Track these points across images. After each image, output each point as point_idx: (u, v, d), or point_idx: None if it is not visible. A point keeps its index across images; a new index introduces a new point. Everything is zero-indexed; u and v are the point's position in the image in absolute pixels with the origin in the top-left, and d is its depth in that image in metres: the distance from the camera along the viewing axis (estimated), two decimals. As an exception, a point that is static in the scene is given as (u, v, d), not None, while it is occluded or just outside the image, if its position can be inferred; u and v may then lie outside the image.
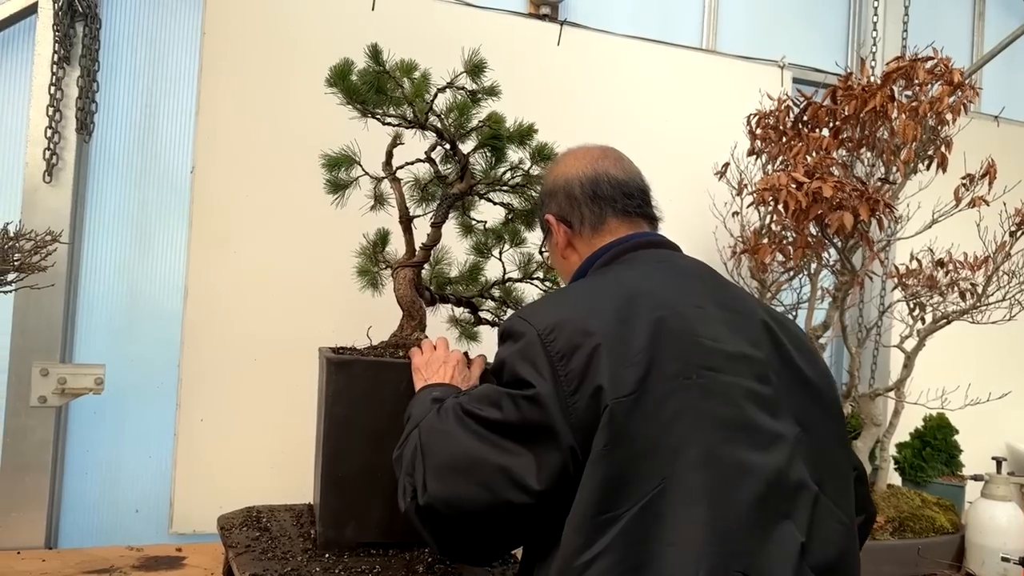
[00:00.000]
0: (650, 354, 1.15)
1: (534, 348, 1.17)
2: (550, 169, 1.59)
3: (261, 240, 2.61)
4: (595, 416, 1.11)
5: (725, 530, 1.09)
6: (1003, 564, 2.34)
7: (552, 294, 1.40)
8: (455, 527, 1.22)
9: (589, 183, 1.48)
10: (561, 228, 1.50)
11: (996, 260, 2.42)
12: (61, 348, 2.43)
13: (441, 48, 2.01)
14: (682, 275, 1.35)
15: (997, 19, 3.99)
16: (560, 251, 1.52)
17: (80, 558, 2.23)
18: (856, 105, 2.38)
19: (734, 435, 1.16)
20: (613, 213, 1.47)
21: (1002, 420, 3.37)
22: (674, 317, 1.22)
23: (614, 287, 1.27)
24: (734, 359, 1.22)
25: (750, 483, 1.13)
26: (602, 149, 1.56)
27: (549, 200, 1.53)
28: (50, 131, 2.37)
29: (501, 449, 1.17)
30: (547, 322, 1.19)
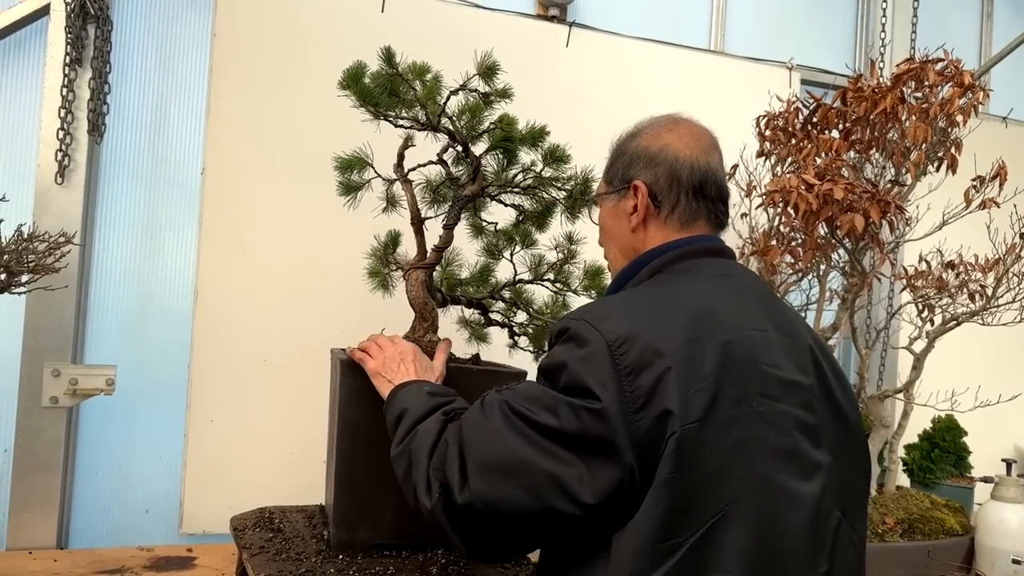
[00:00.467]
0: (717, 380, 1.13)
1: (602, 359, 1.12)
2: (655, 131, 1.45)
3: (271, 241, 2.62)
4: (658, 438, 1.09)
5: (771, 561, 1.12)
6: (1013, 566, 2.34)
7: (617, 299, 1.27)
8: (490, 528, 1.18)
9: (699, 174, 1.37)
10: (647, 202, 1.38)
11: (1006, 262, 2.42)
12: (72, 349, 2.44)
13: (451, 50, 2.01)
14: (744, 293, 1.31)
15: (1005, 20, 3.98)
16: (631, 223, 1.40)
17: (91, 558, 2.24)
18: (866, 107, 2.38)
19: (785, 465, 1.17)
20: (706, 216, 1.39)
21: (1010, 422, 3.37)
22: (740, 341, 1.19)
23: (684, 303, 1.22)
24: (788, 387, 1.21)
25: (799, 513, 1.16)
26: (713, 138, 1.46)
27: (646, 165, 1.40)
28: (62, 132, 2.38)
29: (553, 456, 1.12)
30: (618, 334, 1.13)
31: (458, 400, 1.45)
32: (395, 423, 1.42)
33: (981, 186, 2.41)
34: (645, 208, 1.38)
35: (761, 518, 1.12)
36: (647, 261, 1.37)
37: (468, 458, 1.19)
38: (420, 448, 1.28)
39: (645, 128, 1.48)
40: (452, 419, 1.33)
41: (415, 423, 1.36)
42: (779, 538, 1.13)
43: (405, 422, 1.38)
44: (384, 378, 1.58)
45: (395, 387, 1.53)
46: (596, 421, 1.10)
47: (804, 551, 1.16)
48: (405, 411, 1.41)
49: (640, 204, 1.39)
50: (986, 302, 2.47)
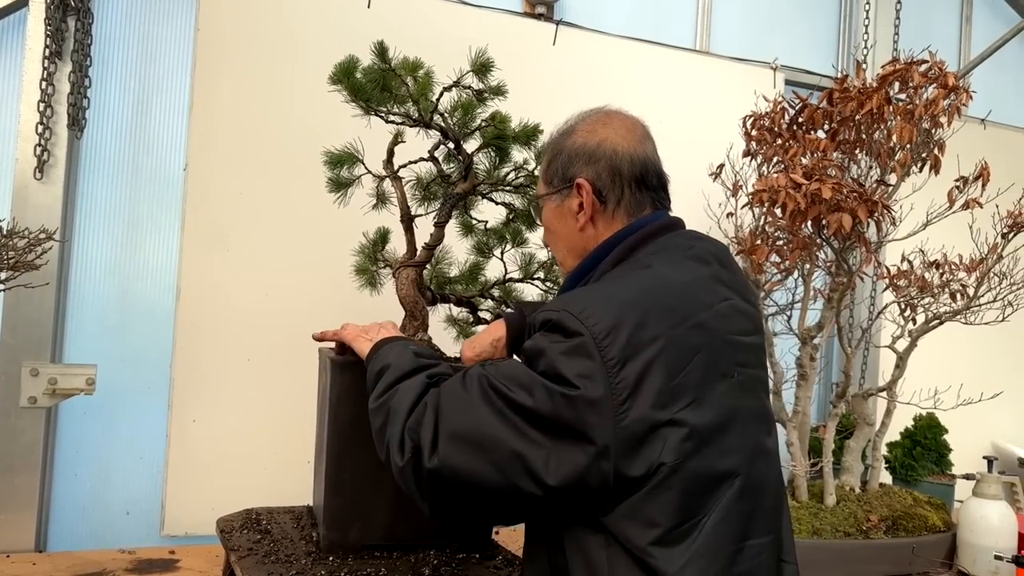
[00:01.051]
0: (702, 359, 1.17)
1: (586, 351, 1.12)
2: (590, 127, 1.43)
3: (255, 239, 2.59)
4: (649, 427, 1.10)
5: (761, 518, 1.21)
6: (995, 562, 2.37)
7: (596, 290, 1.26)
8: (455, 495, 1.20)
9: (639, 165, 1.38)
10: (592, 199, 1.37)
11: (988, 262, 2.45)
12: (51, 348, 2.39)
13: (437, 46, 1.99)
14: (710, 263, 1.33)
15: (984, 23, 4.04)
16: (579, 222, 1.39)
17: (71, 561, 2.20)
18: (853, 107, 2.40)
19: (761, 426, 1.27)
20: (651, 204, 1.40)
21: (989, 420, 3.42)
22: (715, 318, 1.23)
23: (660, 286, 1.23)
24: (751, 350, 1.29)
25: (772, 469, 1.27)
26: (645, 128, 1.46)
27: (585, 162, 1.39)
28: (41, 127, 2.33)
29: (523, 436, 1.13)
30: (602, 325, 1.13)
31: (443, 364, 1.44)
32: (376, 376, 1.40)
33: (964, 187, 2.44)
34: (592, 205, 1.38)
35: (755, 483, 1.21)
36: (606, 252, 1.36)
37: (441, 425, 1.20)
38: (399, 406, 1.28)
39: (578, 124, 1.46)
40: (435, 383, 1.32)
41: (397, 379, 1.35)
42: (763, 496, 1.23)
43: (387, 376, 1.37)
44: (365, 339, 1.56)
45: (379, 341, 1.51)
46: (569, 407, 1.11)
47: (781, 505, 1.29)
48: (388, 366, 1.39)
49: (586, 202, 1.38)
50: (968, 302, 2.50)
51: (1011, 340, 3.32)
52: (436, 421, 1.21)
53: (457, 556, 1.70)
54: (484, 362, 1.28)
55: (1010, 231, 2.46)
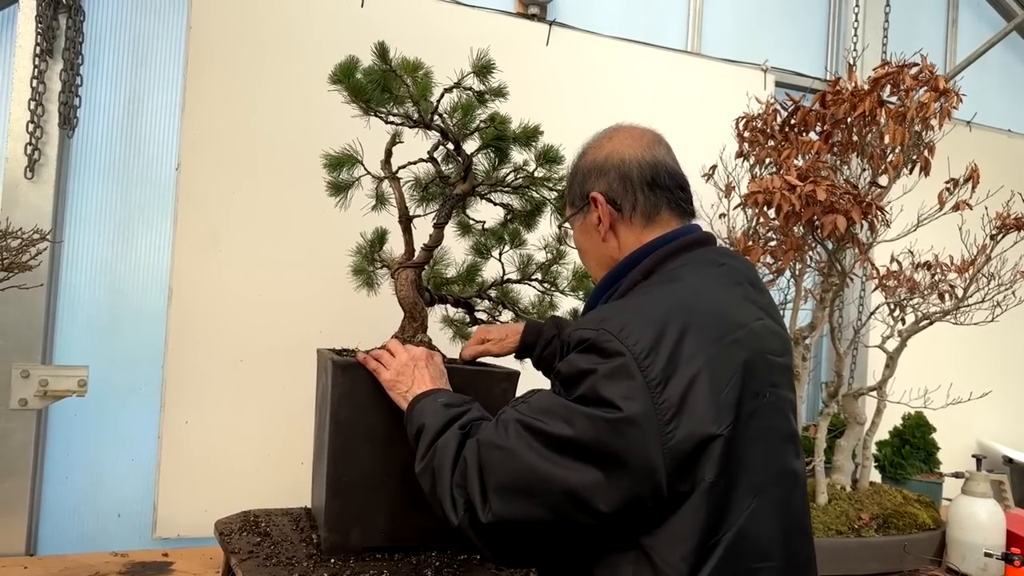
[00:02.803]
0: (740, 377, 1.16)
1: (628, 371, 1.11)
2: (598, 144, 1.47)
3: (248, 239, 2.57)
4: (695, 446, 1.10)
5: (790, 540, 1.20)
6: (984, 559, 2.40)
7: (631, 306, 1.25)
8: (515, 542, 1.20)
9: (648, 168, 1.39)
10: (608, 210, 1.39)
11: (978, 263, 2.48)
12: (42, 349, 2.37)
13: (431, 46, 1.99)
14: (742, 282, 1.33)
15: (970, 26, 4.09)
16: (602, 233, 1.41)
17: (63, 565, 2.18)
18: (846, 109, 2.42)
19: (789, 447, 1.25)
20: (668, 205, 1.40)
21: (975, 419, 3.47)
22: (750, 337, 1.22)
23: (695, 304, 1.22)
24: (782, 371, 1.28)
25: (800, 491, 1.26)
26: (655, 134, 1.49)
27: (596, 176, 1.42)
28: (32, 126, 2.31)
29: (568, 469, 1.12)
30: (643, 345, 1.12)
31: (473, 408, 1.45)
32: (415, 438, 1.42)
33: (955, 188, 2.47)
34: (608, 215, 1.40)
35: (780, 502, 1.19)
36: (633, 263, 1.37)
37: (487, 480, 1.20)
38: (441, 465, 1.29)
39: (589, 144, 1.50)
40: (469, 432, 1.33)
41: (434, 439, 1.35)
42: (792, 517, 1.22)
43: (424, 438, 1.38)
44: (400, 392, 1.57)
45: (412, 401, 1.52)
46: (613, 432, 1.10)
47: (806, 525, 1.27)
48: (423, 426, 1.40)
49: (602, 213, 1.40)
50: (957, 302, 2.53)
51: (999, 340, 3.37)
52: (481, 476, 1.21)
53: (458, 558, 1.70)
54: (515, 401, 1.28)
55: (999, 232, 2.49)
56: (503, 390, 1.78)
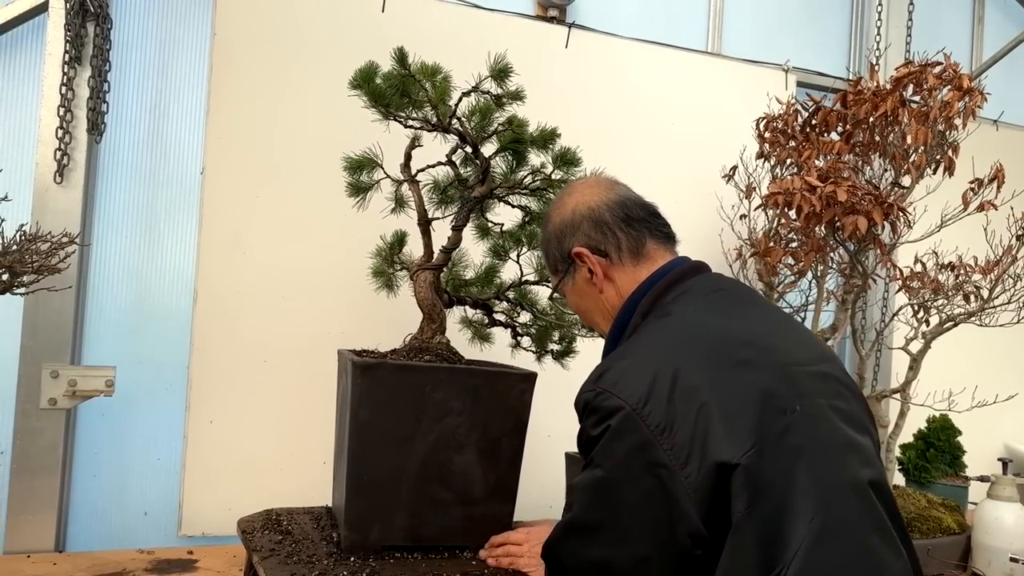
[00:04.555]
0: (753, 397, 1.10)
1: (631, 424, 1.08)
2: (559, 205, 1.49)
3: (271, 241, 2.61)
4: (718, 480, 1.05)
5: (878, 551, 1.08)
6: (1010, 564, 2.37)
7: (624, 353, 1.22)
8: None
9: (618, 207, 1.41)
10: (596, 259, 1.40)
11: (1003, 264, 2.45)
12: (71, 349, 2.41)
13: (451, 50, 2.02)
14: (742, 303, 1.31)
15: (996, 24, 4.03)
16: (598, 284, 1.42)
17: (91, 561, 2.22)
18: (867, 109, 2.40)
19: (850, 456, 1.14)
20: (650, 236, 1.41)
21: (1002, 421, 3.41)
22: (760, 353, 1.17)
23: (691, 333, 1.20)
24: (819, 378, 1.20)
25: (884, 498, 1.14)
26: (607, 178, 1.50)
27: (571, 234, 1.43)
28: (61, 131, 2.35)
29: (621, 543, 1.11)
30: (638, 393, 1.10)
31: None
32: None
33: (979, 188, 2.44)
34: (599, 264, 1.40)
35: (841, 522, 1.08)
36: (632, 307, 1.36)
37: None
38: None
39: (550, 212, 1.52)
40: None
41: None
42: (861, 532, 1.10)
43: None
44: None
45: None
46: (640, 492, 1.09)
47: (895, 534, 1.13)
48: None
49: (593, 264, 1.41)
50: (982, 304, 2.50)
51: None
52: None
53: (478, 556, 1.71)
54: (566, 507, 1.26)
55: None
56: (520, 391, 1.79)
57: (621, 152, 3.02)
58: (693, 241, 3.19)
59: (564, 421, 2.80)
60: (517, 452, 1.79)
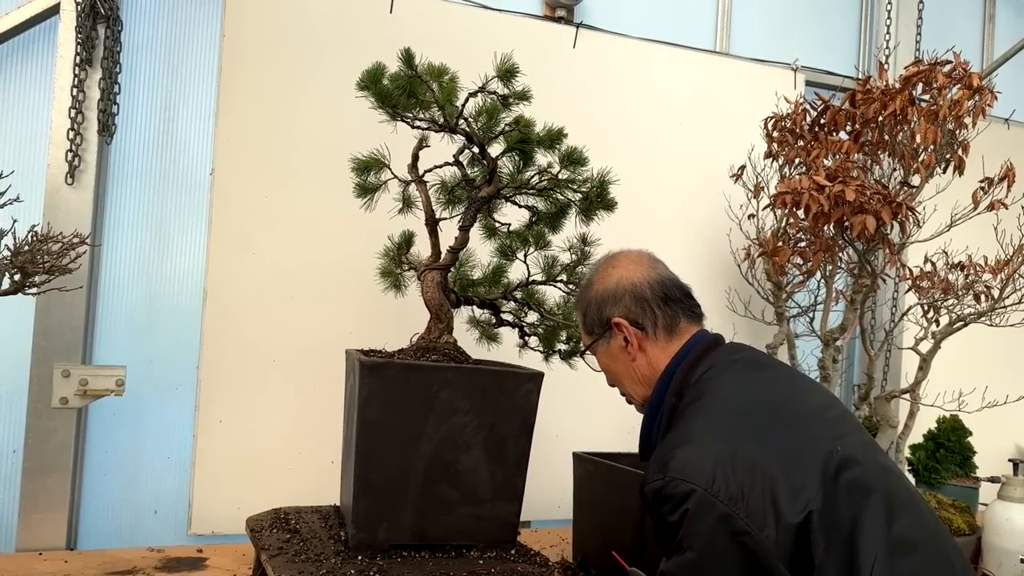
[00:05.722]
0: (803, 450, 1.24)
1: (707, 503, 1.18)
2: (603, 274, 1.59)
3: (280, 241, 2.62)
4: (796, 533, 1.17)
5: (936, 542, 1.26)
6: (1021, 566, 2.35)
7: (679, 439, 1.32)
8: None
9: (659, 287, 1.53)
10: (633, 331, 1.51)
11: (1013, 263, 2.43)
12: (82, 349, 2.43)
13: (459, 51, 2.02)
14: (761, 367, 1.45)
15: (1007, 22, 4.01)
16: (632, 354, 1.53)
17: (102, 559, 2.23)
18: (876, 108, 2.39)
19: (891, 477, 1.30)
20: (683, 315, 1.53)
21: (1012, 422, 3.39)
22: (792, 412, 1.32)
23: (732, 408, 1.32)
24: (840, 420, 1.37)
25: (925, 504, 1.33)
26: (649, 254, 1.61)
27: (612, 303, 1.54)
28: (72, 133, 2.37)
29: None
30: (705, 473, 1.20)
31: None
32: None
33: (989, 188, 2.43)
34: (635, 335, 1.51)
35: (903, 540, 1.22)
36: (665, 387, 1.48)
37: None
38: None
39: (593, 276, 1.62)
40: None
41: None
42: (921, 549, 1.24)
43: None
44: None
45: None
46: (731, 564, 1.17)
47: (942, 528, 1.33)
48: None
49: (629, 335, 1.52)
50: (992, 303, 2.48)
51: (1034, 342, 3.29)
52: None
53: (484, 555, 1.72)
54: None
55: (1035, 232, 2.45)
56: (527, 391, 1.80)
57: (629, 152, 3.02)
58: (703, 241, 3.21)
59: (571, 421, 2.83)
60: (524, 452, 1.80)
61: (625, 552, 1.93)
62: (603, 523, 2.11)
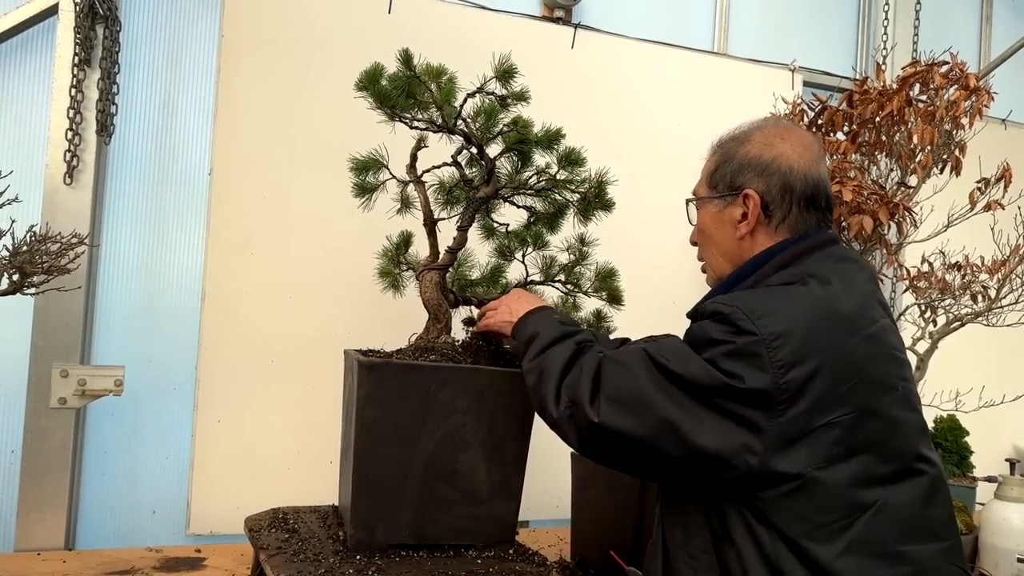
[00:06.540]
0: (870, 370, 1.24)
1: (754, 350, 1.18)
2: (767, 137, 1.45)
3: (279, 241, 2.62)
4: (803, 429, 1.18)
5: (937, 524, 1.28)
6: (1018, 565, 2.36)
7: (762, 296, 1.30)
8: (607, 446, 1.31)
9: (812, 186, 1.40)
10: (758, 213, 1.40)
11: (1010, 263, 2.44)
12: (80, 349, 2.43)
13: (457, 51, 2.02)
14: (867, 280, 1.39)
15: (1004, 23, 4.02)
16: (739, 231, 1.43)
17: (100, 559, 2.23)
18: (873, 109, 2.40)
19: (923, 438, 1.33)
20: (815, 225, 1.43)
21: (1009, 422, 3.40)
22: (881, 332, 1.30)
23: (832, 299, 1.28)
24: (906, 366, 1.36)
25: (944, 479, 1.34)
26: (820, 147, 1.49)
27: (758, 174, 1.41)
28: (70, 133, 2.37)
29: (676, 403, 1.22)
30: (772, 329, 1.19)
31: (586, 332, 1.53)
32: (527, 343, 1.52)
33: (986, 188, 2.43)
34: (756, 218, 1.41)
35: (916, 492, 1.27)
36: (766, 259, 1.40)
37: (602, 387, 1.31)
38: (552, 366, 1.40)
39: (753, 134, 1.48)
40: (583, 348, 1.43)
41: (548, 344, 1.46)
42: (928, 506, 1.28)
43: (537, 343, 1.48)
44: (503, 318, 1.68)
45: (525, 312, 1.62)
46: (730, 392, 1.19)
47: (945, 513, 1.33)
48: (537, 334, 1.51)
49: (751, 213, 1.41)
50: (989, 303, 2.49)
51: (1032, 342, 3.30)
52: (596, 382, 1.32)
53: (483, 555, 1.72)
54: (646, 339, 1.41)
55: (1032, 232, 2.46)
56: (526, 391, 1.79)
57: (627, 152, 3.03)
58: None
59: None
60: (522, 451, 1.80)
61: (623, 552, 1.94)
62: (602, 523, 2.12)
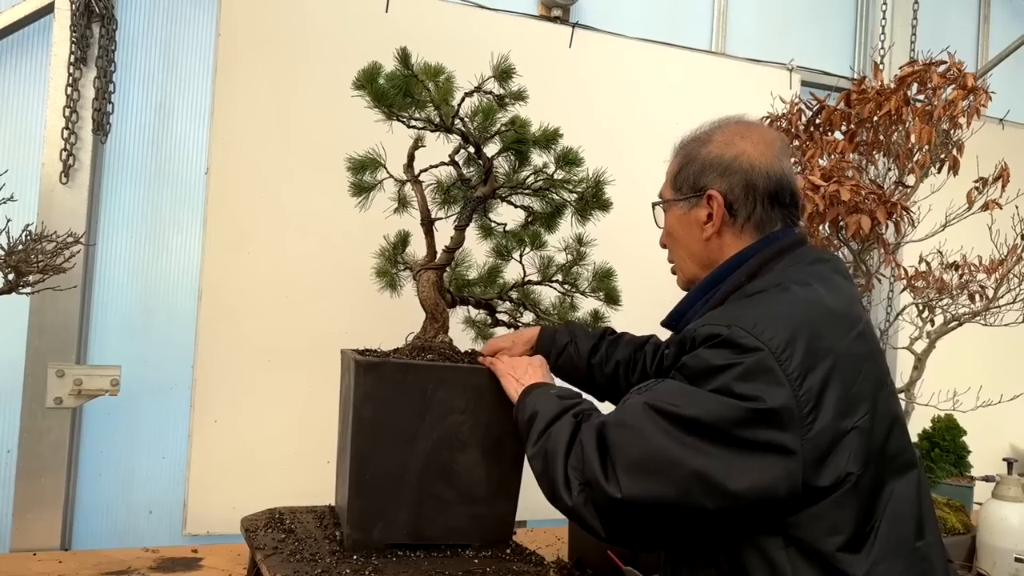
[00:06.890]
0: (868, 368, 1.22)
1: (766, 365, 1.14)
2: (727, 136, 1.43)
3: (275, 241, 2.62)
4: (833, 437, 1.15)
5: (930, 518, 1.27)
6: (1015, 564, 2.36)
7: (762, 305, 1.25)
8: (636, 522, 1.21)
9: (775, 182, 1.37)
10: (722, 213, 1.38)
11: (1008, 263, 2.44)
12: (76, 349, 2.43)
13: (455, 50, 2.02)
14: (844, 276, 1.38)
15: (1002, 23, 4.02)
16: (705, 232, 1.40)
17: (96, 560, 2.23)
18: (871, 108, 2.40)
19: (906, 431, 1.32)
20: (781, 221, 1.40)
21: (1007, 421, 3.40)
22: (868, 330, 1.29)
23: (820, 301, 1.25)
24: (885, 361, 1.33)
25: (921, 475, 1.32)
26: (783, 141, 1.45)
27: (719, 174, 1.39)
28: (67, 132, 2.37)
29: (697, 451, 1.15)
30: (779, 340, 1.15)
31: (585, 402, 1.47)
32: (527, 424, 1.45)
33: (984, 187, 2.43)
34: (721, 218, 1.38)
35: (915, 487, 1.25)
36: (738, 264, 1.37)
37: (615, 458, 1.21)
38: (555, 449, 1.31)
39: (714, 133, 1.46)
40: (581, 420, 1.35)
41: (548, 425, 1.38)
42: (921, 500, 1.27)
43: (538, 424, 1.41)
44: (512, 378, 1.62)
45: (525, 389, 1.55)
46: (754, 419, 1.13)
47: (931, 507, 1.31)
48: (536, 413, 1.43)
49: (716, 214, 1.38)
50: (987, 303, 2.49)
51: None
52: (605, 456, 1.22)
53: (480, 555, 1.72)
54: (639, 388, 1.30)
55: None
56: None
57: (625, 152, 3.02)
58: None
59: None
60: (520, 451, 1.79)
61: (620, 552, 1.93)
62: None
